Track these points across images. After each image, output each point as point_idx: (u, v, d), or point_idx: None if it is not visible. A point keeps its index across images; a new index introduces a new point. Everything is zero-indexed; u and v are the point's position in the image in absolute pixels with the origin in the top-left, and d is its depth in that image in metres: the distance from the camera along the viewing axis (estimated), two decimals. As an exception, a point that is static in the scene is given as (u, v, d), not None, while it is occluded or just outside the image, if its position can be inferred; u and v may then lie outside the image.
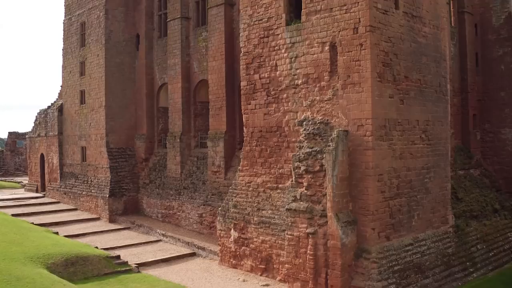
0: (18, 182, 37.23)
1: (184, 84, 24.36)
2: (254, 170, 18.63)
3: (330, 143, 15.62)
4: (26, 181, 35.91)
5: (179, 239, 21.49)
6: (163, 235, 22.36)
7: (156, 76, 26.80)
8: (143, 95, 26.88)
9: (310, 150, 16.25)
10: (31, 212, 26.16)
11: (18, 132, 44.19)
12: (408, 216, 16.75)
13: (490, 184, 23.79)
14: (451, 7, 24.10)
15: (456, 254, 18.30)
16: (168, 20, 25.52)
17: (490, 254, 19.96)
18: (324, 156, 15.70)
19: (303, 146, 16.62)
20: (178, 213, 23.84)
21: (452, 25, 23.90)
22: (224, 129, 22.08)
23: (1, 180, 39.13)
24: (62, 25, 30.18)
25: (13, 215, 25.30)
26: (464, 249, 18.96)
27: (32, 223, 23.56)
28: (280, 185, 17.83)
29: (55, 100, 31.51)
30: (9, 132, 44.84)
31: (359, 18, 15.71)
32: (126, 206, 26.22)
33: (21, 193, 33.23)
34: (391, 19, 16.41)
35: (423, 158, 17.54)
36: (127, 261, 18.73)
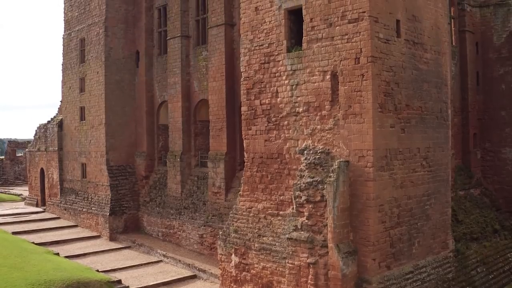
0: (18, 195, 37.16)
1: (184, 103, 24.31)
2: (255, 195, 18.62)
3: (331, 174, 15.62)
4: (26, 193, 35.85)
5: (180, 261, 21.51)
6: (163, 255, 22.38)
7: (156, 93, 26.74)
8: (143, 113, 26.82)
9: (311, 180, 16.26)
10: (32, 230, 26.15)
11: (17, 141, 44.11)
12: (408, 244, 16.77)
13: (490, 203, 23.82)
14: (452, 26, 24.07)
15: (456, 279, 18.36)
16: (168, 38, 25.42)
17: (490, 277, 20.05)
18: (325, 186, 15.70)
19: (304, 176, 16.62)
20: (179, 233, 23.85)
21: (453, 44, 23.85)
22: (224, 150, 22.06)
23: (1, 192, 39.04)
24: (62, 40, 30.08)
25: (13, 233, 25.33)
26: (464, 273, 19.04)
27: (33, 242, 23.57)
28: (281, 212, 17.82)
29: (54, 115, 31.47)
30: (8, 141, 44.77)
31: (361, 48, 15.65)
32: (126, 224, 26.21)
33: (21, 207, 33.22)
34: (393, 48, 16.37)
35: (424, 185, 17.55)
36: (128, 286, 18.76)
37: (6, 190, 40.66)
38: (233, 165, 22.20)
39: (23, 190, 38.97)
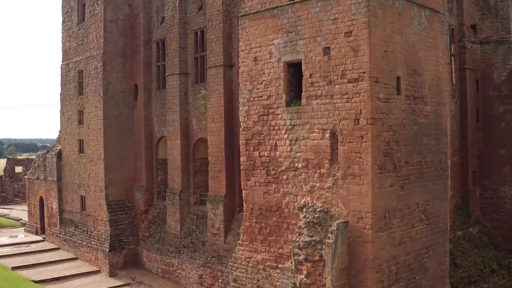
0: (18, 220, 37.01)
1: (183, 141, 24.20)
2: (254, 246, 18.62)
3: (330, 235, 15.63)
4: (25, 215, 35.44)
5: (179, 303, 21.60)
6: (163, 295, 22.48)
7: (155, 128, 26.60)
8: (142, 147, 26.69)
9: (310, 239, 16.27)
10: (32, 264, 26.16)
11: (16, 158, 43.94)
12: (407, 300, 16.88)
13: (489, 241, 23.89)
14: (453, 64, 23.94)
15: (454, 328, 18.52)
16: (166, 74, 25.22)
17: (488, 322, 20.22)
18: (323, 247, 15.76)
19: (303, 233, 16.63)
20: (178, 271, 23.89)
21: (453, 82, 23.75)
22: (223, 192, 22.02)
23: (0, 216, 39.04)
24: (60, 69, 29.81)
25: (13, 268, 25.37)
26: (462, 321, 19.19)
27: (33, 280, 23.61)
28: (280, 265, 17.83)
29: (53, 144, 31.34)
30: (8, 158, 44.66)
31: (360, 110, 15.56)
32: (126, 259, 26.17)
33: (21, 235, 33.27)
34: (393, 106, 16.29)
35: (422, 239, 17.57)
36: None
37: (5, 213, 39.90)
38: (232, 207, 22.19)
39: (23, 211, 38.86)
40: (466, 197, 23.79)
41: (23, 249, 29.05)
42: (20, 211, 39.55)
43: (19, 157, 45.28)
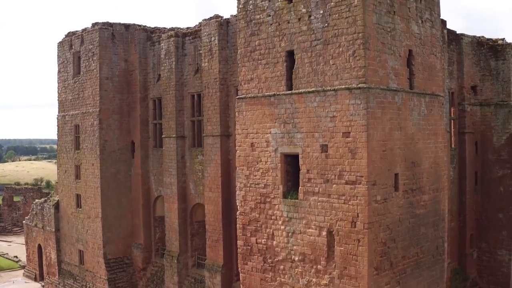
0: (17, 261, 37.04)
1: (181, 205, 24.12)
2: (253, 330, 18.71)
3: (327, 336, 15.73)
4: (25, 256, 35.40)
5: None
6: None
7: (152, 186, 26.46)
8: (140, 205, 26.60)
9: (307, 337, 16.38)
10: (31, 321, 26.36)
11: (15, 187, 43.81)
12: None
13: (485, 304, 24.06)
14: (452, 127, 23.74)
15: None
16: (163, 136, 25.01)
17: None
18: None
19: (300, 329, 16.73)
20: (178, 336, 24.12)
21: (453, 146, 23.57)
22: (221, 262, 22.05)
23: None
24: (56, 120, 29.54)
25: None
26: None
27: None
28: None
29: (51, 193, 31.23)
30: (5, 187, 44.54)
31: (357, 213, 15.48)
32: (124, 318, 26.47)
33: (20, 280, 33.23)
34: (390, 205, 16.19)
35: (418, 328, 17.68)
36: None
37: (3, 252, 39.29)
38: (230, 276, 22.23)
39: (22, 245, 38.70)
40: (463, 260, 23.83)
41: (22, 302, 29.20)
42: (19, 245, 39.35)
43: (17, 186, 45.18)
